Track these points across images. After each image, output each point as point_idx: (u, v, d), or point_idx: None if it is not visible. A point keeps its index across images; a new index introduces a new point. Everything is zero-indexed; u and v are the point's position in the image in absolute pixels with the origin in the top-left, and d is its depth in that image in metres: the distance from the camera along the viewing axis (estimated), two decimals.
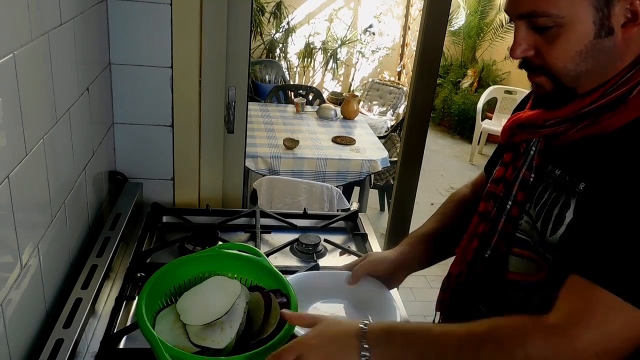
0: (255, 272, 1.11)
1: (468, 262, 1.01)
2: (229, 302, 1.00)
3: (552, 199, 0.89)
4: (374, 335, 0.85)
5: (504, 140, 0.99)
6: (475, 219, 1.02)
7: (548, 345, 0.75)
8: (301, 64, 6.45)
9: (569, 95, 0.85)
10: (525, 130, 0.94)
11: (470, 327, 0.82)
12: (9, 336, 0.90)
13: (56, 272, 1.13)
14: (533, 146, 0.94)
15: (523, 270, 0.94)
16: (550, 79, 0.84)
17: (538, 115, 0.91)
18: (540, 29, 0.81)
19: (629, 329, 0.74)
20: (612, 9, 0.77)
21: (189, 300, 1.03)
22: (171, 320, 1.00)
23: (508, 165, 0.98)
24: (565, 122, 0.87)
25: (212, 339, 0.96)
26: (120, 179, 1.61)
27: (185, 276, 1.08)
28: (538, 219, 0.90)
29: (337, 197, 2.88)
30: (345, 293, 1.19)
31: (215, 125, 1.68)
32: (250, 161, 3.13)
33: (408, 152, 2.30)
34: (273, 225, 1.59)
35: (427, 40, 2.11)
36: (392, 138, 4.17)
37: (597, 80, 0.83)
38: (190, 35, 1.51)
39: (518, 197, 0.94)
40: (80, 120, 1.25)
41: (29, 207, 0.97)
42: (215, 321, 0.98)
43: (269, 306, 1.02)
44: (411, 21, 6.45)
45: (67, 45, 1.15)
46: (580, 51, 0.80)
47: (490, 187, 1.00)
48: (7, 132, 0.86)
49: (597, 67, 0.82)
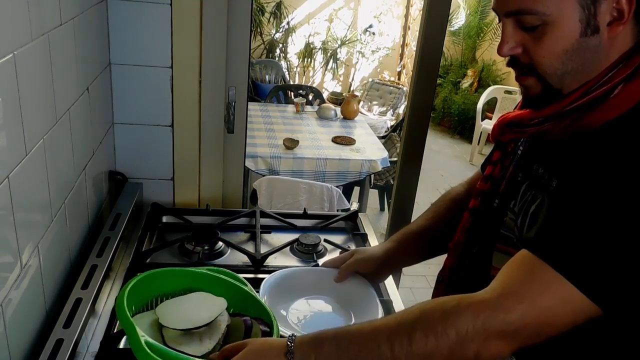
0: (239, 299, 1.08)
1: (458, 256, 1.04)
2: (212, 315, 0.98)
3: (531, 196, 0.90)
4: (303, 346, 0.83)
5: (493, 138, 1.01)
6: (466, 215, 1.04)
7: (478, 319, 0.75)
8: (301, 64, 6.45)
9: (555, 96, 0.86)
10: (513, 129, 0.95)
11: (402, 316, 0.82)
12: (9, 336, 0.90)
13: (56, 272, 1.13)
14: (520, 145, 0.96)
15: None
16: (539, 79, 0.85)
17: (525, 115, 0.92)
18: (528, 27, 0.81)
19: (563, 305, 0.75)
20: (599, 7, 0.78)
21: (169, 307, 1.00)
22: (148, 322, 0.97)
23: (496, 163, 1.00)
24: (549, 120, 0.88)
25: (189, 347, 0.92)
26: (120, 179, 1.61)
27: (165, 288, 1.05)
28: (519, 216, 0.92)
29: (337, 197, 2.88)
30: (331, 290, 1.21)
31: (215, 125, 1.68)
32: (250, 161, 3.13)
33: (408, 152, 2.30)
34: (273, 225, 1.59)
35: (427, 40, 2.11)
36: (392, 138, 4.17)
37: (582, 80, 0.83)
38: (190, 35, 1.51)
39: (505, 195, 0.97)
40: (80, 120, 1.25)
41: (29, 207, 0.97)
42: (195, 330, 0.94)
43: (249, 332, 0.99)
44: (411, 21, 6.45)
45: (67, 45, 1.15)
46: (567, 49, 0.81)
47: (480, 184, 1.03)
48: (7, 132, 0.86)
49: (582, 66, 0.82)
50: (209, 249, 1.41)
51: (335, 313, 1.18)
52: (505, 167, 0.97)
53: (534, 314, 0.75)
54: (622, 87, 0.80)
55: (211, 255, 1.40)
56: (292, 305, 1.17)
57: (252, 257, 1.37)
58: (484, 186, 1.01)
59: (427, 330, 0.77)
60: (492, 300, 0.77)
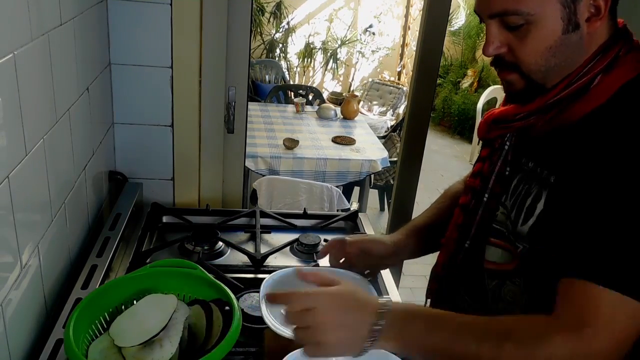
0: (193, 285, 1.06)
1: (451, 252, 1.05)
2: (166, 317, 0.95)
3: (525, 190, 0.92)
4: (395, 313, 0.84)
5: (480, 136, 1.03)
6: (457, 211, 1.06)
7: (567, 345, 0.76)
8: (301, 64, 6.45)
9: (538, 91, 0.89)
10: (500, 125, 0.97)
11: (491, 322, 0.83)
12: (9, 336, 0.90)
13: (56, 272, 1.13)
14: (507, 141, 0.98)
15: (498, 260, 0.97)
16: (521, 75, 0.88)
17: (509, 110, 0.94)
18: (512, 26, 0.84)
19: (634, 321, 0.76)
20: (578, 5, 0.81)
21: (122, 323, 0.96)
22: (105, 347, 0.93)
23: (485, 160, 1.01)
24: (534, 114, 0.90)
25: (152, 357, 0.91)
26: (120, 179, 1.61)
27: (117, 301, 1.02)
28: (512, 210, 0.94)
29: (337, 197, 2.88)
30: None
31: (215, 125, 1.68)
32: (250, 161, 3.13)
33: (408, 152, 2.30)
34: (273, 225, 1.59)
35: (427, 40, 2.11)
36: (392, 138, 4.17)
37: (564, 74, 0.86)
38: (190, 35, 1.51)
39: (495, 190, 0.98)
40: (80, 120, 1.25)
41: (29, 207, 0.97)
42: (153, 339, 0.92)
43: (210, 316, 0.98)
44: (411, 21, 6.45)
45: (67, 45, 1.15)
46: (550, 47, 0.84)
47: (469, 181, 1.04)
48: (7, 132, 0.86)
49: (565, 62, 0.85)
50: (209, 249, 1.41)
51: None
52: (494, 163, 0.99)
53: (613, 341, 0.76)
54: (600, 78, 0.85)
55: (211, 255, 1.40)
56: None
57: (252, 257, 1.37)
58: (474, 182, 1.02)
59: (519, 344, 0.78)
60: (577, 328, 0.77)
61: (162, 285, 1.06)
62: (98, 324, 0.98)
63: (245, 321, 1.08)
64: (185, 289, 1.07)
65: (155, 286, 1.05)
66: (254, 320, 1.14)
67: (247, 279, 1.30)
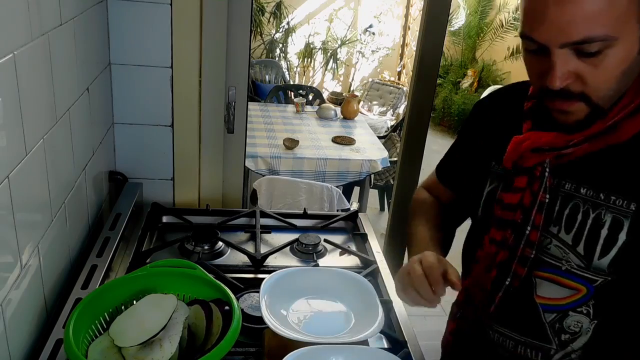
0: (193, 285, 1.06)
1: (489, 291, 0.98)
2: (166, 317, 0.95)
3: (591, 220, 0.87)
4: None
5: (510, 165, 0.94)
6: (492, 249, 0.97)
7: None
8: (301, 64, 6.45)
9: (599, 116, 0.83)
10: (544, 153, 0.90)
11: None
12: (9, 336, 0.90)
13: (56, 272, 1.13)
14: (547, 167, 0.91)
15: (552, 295, 0.93)
16: (587, 103, 0.81)
17: (557, 137, 0.88)
18: (587, 54, 0.76)
19: None
20: None
21: (122, 323, 0.97)
22: (105, 347, 0.93)
23: (524, 190, 0.93)
24: (590, 139, 0.85)
25: (152, 357, 0.91)
26: (120, 179, 1.61)
27: (117, 301, 1.02)
28: (578, 243, 0.88)
29: (337, 197, 2.88)
30: (331, 290, 1.20)
31: (215, 125, 1.68)
32: (250, 161, 3.14)
33: (408, 152, 2.30)
34: (273, 225, 1.59)
35: (427, 40, 2.11)
36: (392, 138, 4.17)
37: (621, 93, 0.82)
38: (190, 35, 1.51)
39: (536, 221, 0.91)
40: (80, 120, 1.25)
41: (29, 207, 0.97)
42: (152, 339, 0.93)
43: (210, 316, 0.98)
44: (411, 21, 6.45)
45: (67, 45, 1.15)
46: (625, 70, 0.78)
47: (505, 214, 0.95)
48: (7, 132, 0.86)
49: (630, 83, 0.81)
50: (209, 249, 1.41)
51: (336, 313, 1.18)
52: (535, 192, 0.91)
53: None
54: None
55: (211, 255, 1.40)
56: (292, 306, 1.17)
57: (252, 257, 1.37)
58: (513, 216, 0.93)
59: None
60: None
61: (162, 285, 1.06)
62: (98, 324, 0.98)
63: (245, 321, 1.08)
64: (185, 289, 1.07)
65: (155, 286, 1.05)
66: (254, 320, 1.14)
67: (247, 279, 1.30)
